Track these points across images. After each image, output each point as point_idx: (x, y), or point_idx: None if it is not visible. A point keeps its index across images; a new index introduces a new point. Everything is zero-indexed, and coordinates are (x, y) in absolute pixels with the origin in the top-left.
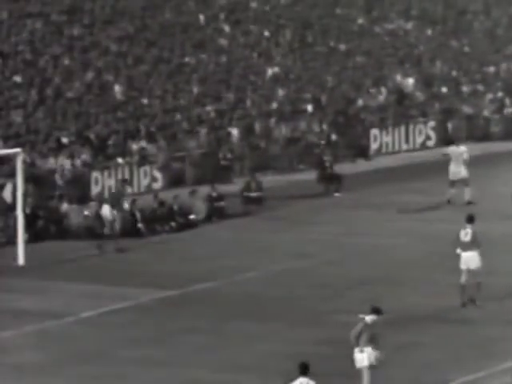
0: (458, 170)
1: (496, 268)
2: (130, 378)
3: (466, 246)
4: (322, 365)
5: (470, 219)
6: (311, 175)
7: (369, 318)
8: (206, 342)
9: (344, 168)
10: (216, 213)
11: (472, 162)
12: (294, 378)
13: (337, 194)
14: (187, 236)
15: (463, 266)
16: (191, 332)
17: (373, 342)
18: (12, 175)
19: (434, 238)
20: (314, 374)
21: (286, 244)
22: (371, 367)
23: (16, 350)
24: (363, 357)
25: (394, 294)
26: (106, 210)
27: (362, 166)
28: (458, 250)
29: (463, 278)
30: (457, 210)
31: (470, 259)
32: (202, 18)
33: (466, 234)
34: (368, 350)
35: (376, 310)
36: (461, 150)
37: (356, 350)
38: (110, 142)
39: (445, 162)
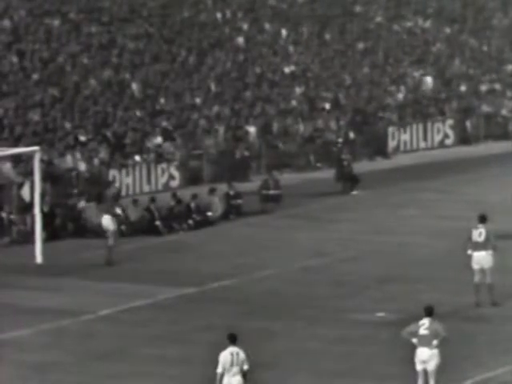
0: None
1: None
2: (148, 375)
3: (480, 246)
4: (344, 362)
5: (483, 219)
6: (329, 173)
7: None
8: (223, 340)
9: (362, 166)
10: (233, 210)
11: (491, 160)
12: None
13: (355, 193)
14: (205, 234)
15: (476, 266)
16: (209, 330)
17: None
18: (30, 174)
19: (452, 236)
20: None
21: (304, 242)
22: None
23: (34, 348)
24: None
25: (412, 292)
26: (106, 221)
27: (380, 164)
28: (469, 251)
29: (477, 278)
30: (475, 208)
31: (483, 259)
32: (219, 16)
33: (479, 234)
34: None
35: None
36: None
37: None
38: (128, 140)
39: (463, 160)
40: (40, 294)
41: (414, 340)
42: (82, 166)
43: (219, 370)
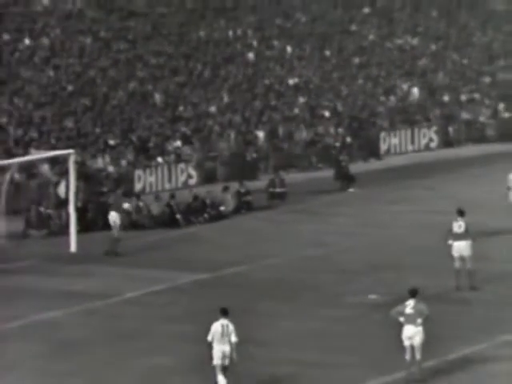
0: None
1: (489, 255)
2: (169, 351)
3: (459, 237)
4: (341, 340)
5: (461, 213)
6: (329, 173)
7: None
8: (235, 320)
9: (358, 167)
10: (244, 206)
11: (471, 161)
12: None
13: (351, 190)
14: (218, 226)
15: (456, 254)
16: None
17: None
18: (65, 173)
19: (437, 229)
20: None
21: (307, 234)
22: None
23: (67, 327)
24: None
25: (401, 278)
26: (113, 217)
27: (373, 164)
28: (450, 241)
29: (457, 264)
30: (457, 204)
31: (462, 248)
32: (231, 34)
33: (459, 226)
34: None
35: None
36: None
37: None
38: (151, 144)
39: (446, 161)
40: (73, 279)
41: (401, 319)
42: (111, 167)
43: (209, 337)
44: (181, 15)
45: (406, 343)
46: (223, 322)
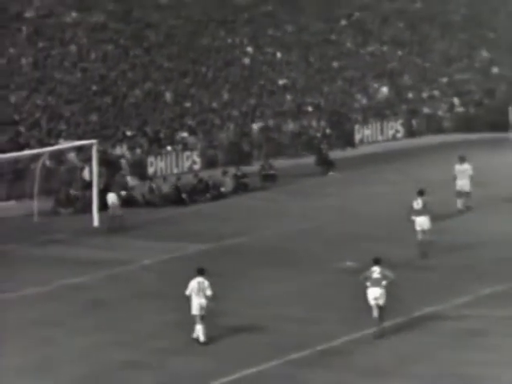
0: (463, 183)
1: (445, 229)
2: (179, 309)
3: (419, 213)
4: (324, 300)
5: (421, 193)
6: (312, 160)
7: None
8: (237, 283)
9: (336, 154)
10: (241, 187)
11: (431, 149)
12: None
13: (331, 173)
14: (219, 204)
15: (418, 228)
16: (226, 275)
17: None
18: (89, 160)
19: (405, 206)
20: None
21: (297, 210)
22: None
23: (93, 289)
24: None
25: (375, 247)
26: (111, 197)
27: (349, 152)
28: (412, 217)
29: (419, 236)
30: (420, 185)
31: (422, 222)
32: (230, 42)
33: (417, 204)
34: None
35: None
36: (464, 168)
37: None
38: (162, 135)
39: (410, 149)
40: (96, 249)
41: (368, 283)
42: (128, 154)
43: (187, 292)
44: (188, 26)
45: (373, 303)
46: (199, 279)
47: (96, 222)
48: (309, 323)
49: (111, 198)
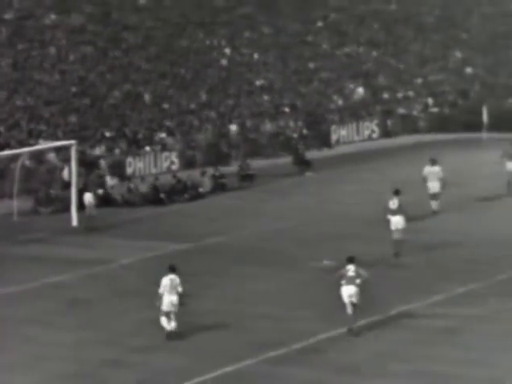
0: (434, 185)
1: (421, 228)
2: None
3: (394, 212)
4: (301, 298)
5: (396, 192)
6: (289, 160)
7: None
8: (215, 281)
9: (313, 154)
10: (219, 187)
11: (406, 149)
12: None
13: (308, 173)
14: (198, 204)
15: (393, 227)
16: (204, 273)
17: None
18: (68, 160)
19: (380, 205)
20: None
21: (274, 210)
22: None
23: (73, 287)
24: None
25: (350, 245)
26: (87, 197)
27: (325, 152)
28: (388, 216)
29: (394, 236)
30: (396, 184)
31: (397, 222)
32: (208, 43)
33: (393, 204)
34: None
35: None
36: (435, 170)
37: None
38: (140, 136)
39: (386, 149)
40: (76, 248)
41: (343, 281)
42: (107, 155)
43: (160, 290)
44: (167, 28)
45: (347, 300)
46: (171, 276)
47: (75, 222)
48: (286, 321)
49: (88, 197)
